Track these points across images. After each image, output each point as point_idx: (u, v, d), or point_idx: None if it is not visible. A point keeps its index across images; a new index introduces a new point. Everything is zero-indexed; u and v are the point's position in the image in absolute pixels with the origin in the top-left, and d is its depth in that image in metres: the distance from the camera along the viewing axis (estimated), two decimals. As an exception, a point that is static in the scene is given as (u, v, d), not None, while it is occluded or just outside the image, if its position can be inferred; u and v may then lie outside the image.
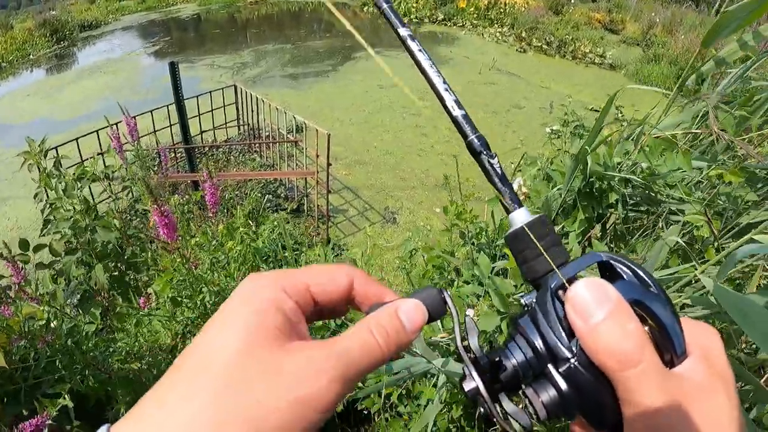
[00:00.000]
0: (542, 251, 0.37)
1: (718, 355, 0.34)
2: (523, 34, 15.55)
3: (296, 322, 0.33)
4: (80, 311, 1.97)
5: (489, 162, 0.43)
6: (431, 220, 5.00)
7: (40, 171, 2.20)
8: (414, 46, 0.47)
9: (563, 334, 0.34)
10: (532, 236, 0.38)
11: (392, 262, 4.17)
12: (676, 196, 1.34)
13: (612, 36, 18.60)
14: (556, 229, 1.61)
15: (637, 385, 0.30)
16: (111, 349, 1.60)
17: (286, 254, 3.43)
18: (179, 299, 1.72)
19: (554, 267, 0.37)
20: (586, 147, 1.44)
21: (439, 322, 1.75)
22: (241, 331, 0.30)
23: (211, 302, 1.75)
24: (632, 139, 1.60)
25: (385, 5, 0.50)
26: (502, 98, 9.28)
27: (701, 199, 1.29)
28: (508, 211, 0.41)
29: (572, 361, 0.33)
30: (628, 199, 1.54)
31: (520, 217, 0.40)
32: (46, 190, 2.27)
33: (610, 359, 0.31)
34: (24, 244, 1.91)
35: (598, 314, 0.32)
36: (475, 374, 0.35)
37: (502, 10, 18.79)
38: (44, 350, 1.48)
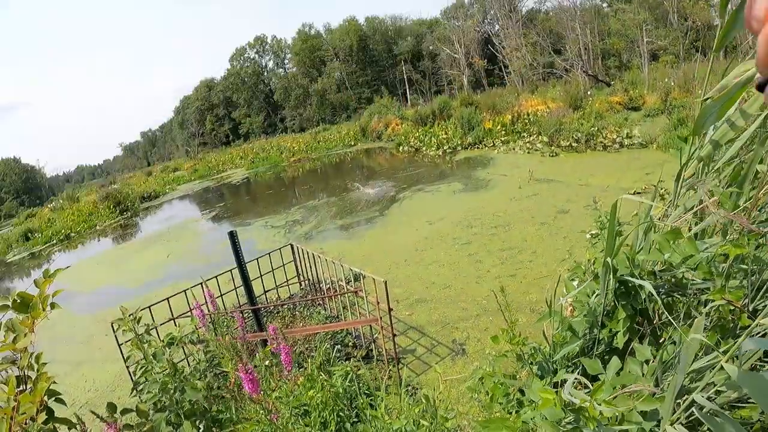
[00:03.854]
0: None
1: None
2: (551, 139, 16.08)
3: None
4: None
5: None
6: (500, 344, 4.92)
7: (135, 336, 2.51)
8: None
9: None
10: None
11: (466, 394, 4.09)
12: (700, 277, 1.41)
13: (635, 114, 18.94)
14: (604, 332, 1.67)
15: None
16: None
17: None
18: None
19: None
20: (608, 259, 1.56)
21: None
22: None
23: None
24: (652, 233, 1.71)
25: None
26: (546, 207, 9.41)
27: (721, 273, 1.36)
28: None
29: None
30: (660, 290, 1.60)
31: None
32: (135, 354, 2.57)
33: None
34: (111, 407, 2.13)
35: None
36: None
37: (526, 120, 19.68)
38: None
